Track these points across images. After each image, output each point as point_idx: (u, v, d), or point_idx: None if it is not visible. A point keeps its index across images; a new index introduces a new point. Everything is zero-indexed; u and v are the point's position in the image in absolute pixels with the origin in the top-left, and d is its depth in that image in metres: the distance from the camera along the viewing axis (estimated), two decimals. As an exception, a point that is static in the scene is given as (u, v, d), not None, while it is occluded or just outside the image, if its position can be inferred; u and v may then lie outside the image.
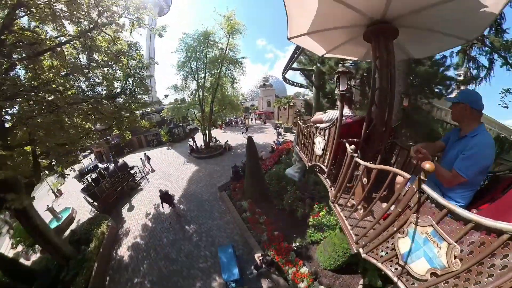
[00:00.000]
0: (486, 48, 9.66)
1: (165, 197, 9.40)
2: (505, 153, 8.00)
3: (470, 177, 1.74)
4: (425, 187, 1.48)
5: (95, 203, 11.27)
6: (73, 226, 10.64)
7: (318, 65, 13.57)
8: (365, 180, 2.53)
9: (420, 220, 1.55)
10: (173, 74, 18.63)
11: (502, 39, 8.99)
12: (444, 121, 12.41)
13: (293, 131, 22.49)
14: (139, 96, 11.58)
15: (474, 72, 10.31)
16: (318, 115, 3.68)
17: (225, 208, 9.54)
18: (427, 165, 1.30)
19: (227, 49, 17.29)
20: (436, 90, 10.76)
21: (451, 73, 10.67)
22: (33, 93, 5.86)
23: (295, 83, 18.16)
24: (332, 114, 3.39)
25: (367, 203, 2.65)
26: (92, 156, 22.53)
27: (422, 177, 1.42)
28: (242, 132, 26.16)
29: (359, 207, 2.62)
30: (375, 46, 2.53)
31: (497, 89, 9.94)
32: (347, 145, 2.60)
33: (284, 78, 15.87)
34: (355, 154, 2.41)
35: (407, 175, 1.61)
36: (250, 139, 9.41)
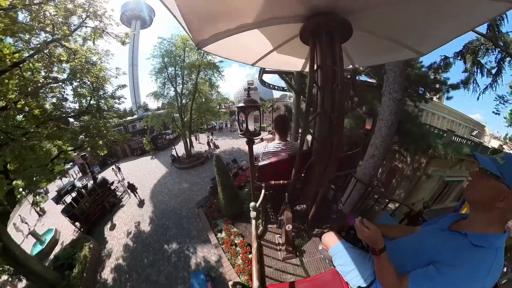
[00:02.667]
0: (497, 51, 8.82)
1: (130, 188, 14.45)
2: None
3: None
4: None
5: (76, 224, 11.78)
6: (58, 248, 11.17)
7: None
8: (289, 226, 2.39)
9: None
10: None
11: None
12: (441, 130, 12.11)
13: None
14: (109, 113, 12.05)
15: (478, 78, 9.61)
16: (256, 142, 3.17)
17: (203, 226, 10.40)
18: None
19: (204, 53, 17.60)
20: (421, 92, 10.50)
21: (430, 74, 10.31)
22: None
23: (276, 87, 18.51)
24: (257, 149, 2.76)
25: (292, 247, 2.62)
26: (76, 168, 22.90)
27: None
28: (208, 136, 26.23)
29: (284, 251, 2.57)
30: (314, 49, 1.75)
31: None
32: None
33: (262, 82, 16.12)
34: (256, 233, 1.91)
35: None
36: (217, 158, 9.40)
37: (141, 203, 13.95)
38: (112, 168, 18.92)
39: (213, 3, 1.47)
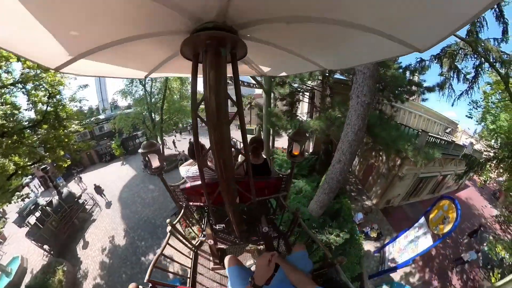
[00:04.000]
0: (475, 57, 9.21)
1: (97, 190, 15.77)
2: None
3: None
4: None
5: (45, 247, 11.71)
6: (27, 277, 10.80)
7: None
8: (210, 241, 2.93)
9: None
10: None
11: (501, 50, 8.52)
12: (415, 129, 12.95)
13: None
14: (70, 120, 12.10)
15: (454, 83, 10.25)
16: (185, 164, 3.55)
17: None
18: None
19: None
20: (397, 93, 11.04)
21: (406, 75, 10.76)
22: None
23: (251, 84, 18.50)
24: (183, 171, 3.19)
25: (218, 259, 3.20)
26: (36, 181, 22.04)
27: None
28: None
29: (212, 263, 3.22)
30: (195, 74, 1.54)
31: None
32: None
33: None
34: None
35: None
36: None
37: (108, 205, 15.69)
38: (74, 179, 18.99)
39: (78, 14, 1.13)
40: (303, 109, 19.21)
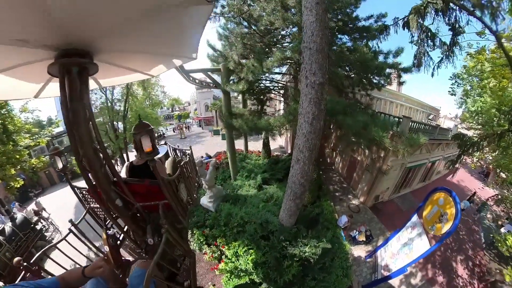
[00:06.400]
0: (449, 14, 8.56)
1: (35, 213, 15.57)
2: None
3: None
4: None
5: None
6: None
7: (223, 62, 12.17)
8: (106, 247, 3.06)
9: None
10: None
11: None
12: (394, 117, 13.22)
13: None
14: (21, 134, 12.00)
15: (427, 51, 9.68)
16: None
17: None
18: None
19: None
20: (375, 80, 11.26)
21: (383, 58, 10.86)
22: None
23: (204, 83, 17.49)
24: None
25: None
26: None
27: None
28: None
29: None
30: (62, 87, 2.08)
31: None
32: None
33: (188, 75, 15.54)
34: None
35: None
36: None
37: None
38: (13, 206, 17.92)
39: None
40: (281, 108, 19.69)
